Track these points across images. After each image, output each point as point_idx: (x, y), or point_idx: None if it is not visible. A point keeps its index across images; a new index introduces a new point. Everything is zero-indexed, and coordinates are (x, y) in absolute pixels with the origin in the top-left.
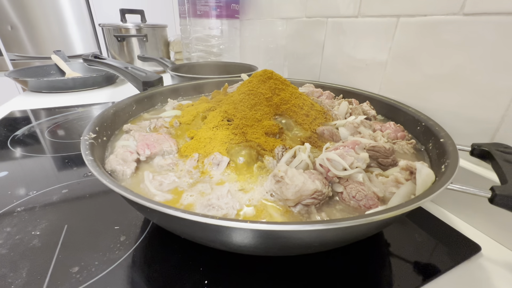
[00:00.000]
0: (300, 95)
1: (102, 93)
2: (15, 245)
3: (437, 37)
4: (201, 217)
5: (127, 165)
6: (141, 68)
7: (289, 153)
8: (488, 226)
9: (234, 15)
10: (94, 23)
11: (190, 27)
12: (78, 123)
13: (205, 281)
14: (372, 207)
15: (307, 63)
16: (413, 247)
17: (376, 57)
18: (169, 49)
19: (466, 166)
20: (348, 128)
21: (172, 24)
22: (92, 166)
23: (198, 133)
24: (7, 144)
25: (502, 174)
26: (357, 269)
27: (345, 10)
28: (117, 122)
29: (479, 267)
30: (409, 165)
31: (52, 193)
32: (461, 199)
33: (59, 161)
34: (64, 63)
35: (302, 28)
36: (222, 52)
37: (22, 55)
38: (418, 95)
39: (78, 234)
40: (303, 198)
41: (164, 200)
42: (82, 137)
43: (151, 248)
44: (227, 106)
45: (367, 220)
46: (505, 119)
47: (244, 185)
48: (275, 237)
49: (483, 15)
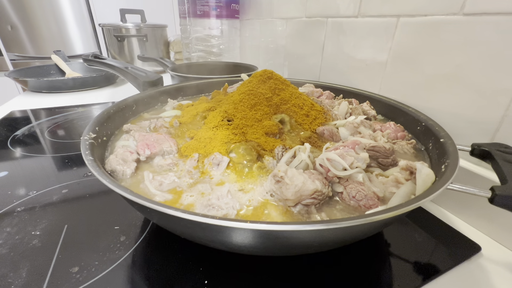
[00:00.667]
0: (300, 95)
1: (102, 93)
2: (15, 245)
3: (437, 37)
4: (201, 217)
5: (127, 165)
6: (141, 68)
7: (289, 153)
8: (488, 226)
9: (234, 15)
10: (94, 23)
11: (190, 27)
12: (78, 123)
13: (205, 281)
14: (372, 207)
15: (307, 63)
16: (413, 247)
17: (376, 57)
18: (169, 49)
19: (466, 166)
20: (348, 128)
21: (172, 24)
22: (92, 166)
23: (198, 133)
24: (7, 144)
25: (502, 174)
26: (357, 269)
27: (345, 10)
28: (117, 122)
29: (479, 267)
30: (409, 165)
31: (52, 193)
32: (461, 199)
33: (59, 161)
34: (64, 63)
35: (302, 28)
36: (222, 52)
37: (22, 55)
38: (418, 95)
39: (78, 234)
40: (303, 198)
41: (164, 200)
42: (82, 137)
43: (151, 248)
44: (227, 106)
45: (367, 220)
46: (505, 119)
47: (244, 185)
48: (275, 237)
49: (483, 15)
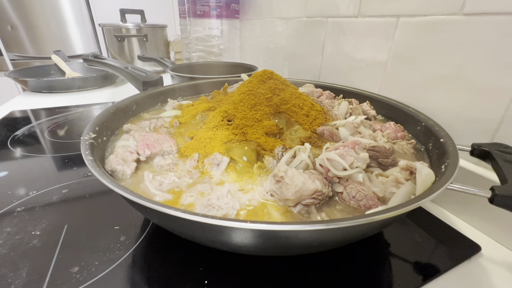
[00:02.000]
0: (300, 95)
1: (102, 93)
2: (15, 245)
3: (437, 37)
4: (201, 217)
5: (127, 165)
6: (141, 68)
7: (289, 153)
8: (488, 226)
9: (234, 15)
10: (94, 23)
11: (190, 27)
12: (78, 123)
13: (205, 281)
14: (372, 207)
15: (307, 63)
16: (413, 247)
17: (376, 57)
18: (169, 49)
19: (466, 166)
20: (348, 128)
21: (172, 24)
22: (92, 166)
23: (198, 133)
24: (7, 144)
25: (502, 174)
26: (357, 269)
27: (345, 10)
28: (117, 122)
29: (479, 267)
30: (409, 165)
31: (52, 193)
32: (461, 199)
33: (59, 161)
34: (64, 63)
35: (302, 28)
36: (222, 52)
37: (22, 55)
38: (418, 95)
39: (78, 234)
40: (303, 198)
41: (164, 200)
42: (82, 137)
43: (151, 248)
44: (227, 106)
45: (367, 220)
46: (505, 119)
47: (244, 185)
48: (275, 237)
49: (483, 15)
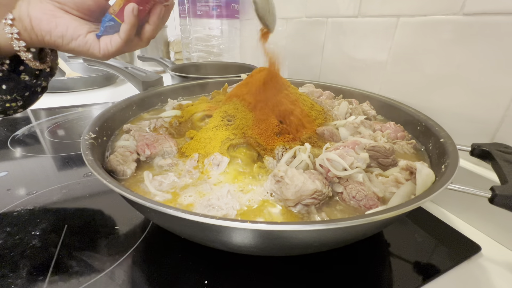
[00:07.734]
0: (300, 95)
1: (102, 93)
2: (15, 245)
3: (437, 37)
4: (201, 217)
5: (127, 165)
6: (141, 68)
7: (289, 153)
8: (488, 226)
9: (234, 15)
10: None
11: (190, 27)
12: (78, 123)
13: (205, 281)
14: (372, 207)
15: (307, 63)
16: (413, 247)
17: (376, 57)
18: (169, 49)
19: (466, 166)
20: (348, 128)
21: (172, 24)
22: (92, 166)
23: (198, 133)
24: (7, 144)
25: (502, 174)
26: (357, 269)
27: (345, 10)
28: (117, 122)
29: (479, 267)
30: (409, 165)
31: (52, 193)
32: (461, 199)
33: (59, 161)
34: (64, 63)
35: (302, 28)
36: (222, 52)
37: None
38: (418, 95)
39: (78, 234)
40: (303, 198)
41: (164, 200)
42: (82, 137)
43: (151, 248)
44: (227, 106)
45: (367, 220)
46: (505, 119)
47: (244, 186)
48: (275, 237)
49: (483, 15)
